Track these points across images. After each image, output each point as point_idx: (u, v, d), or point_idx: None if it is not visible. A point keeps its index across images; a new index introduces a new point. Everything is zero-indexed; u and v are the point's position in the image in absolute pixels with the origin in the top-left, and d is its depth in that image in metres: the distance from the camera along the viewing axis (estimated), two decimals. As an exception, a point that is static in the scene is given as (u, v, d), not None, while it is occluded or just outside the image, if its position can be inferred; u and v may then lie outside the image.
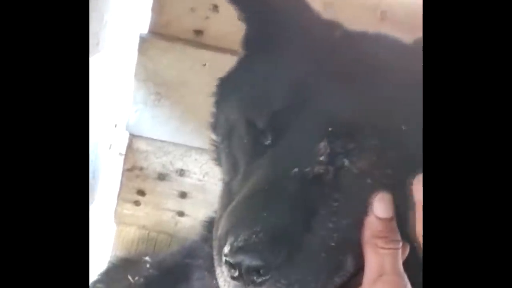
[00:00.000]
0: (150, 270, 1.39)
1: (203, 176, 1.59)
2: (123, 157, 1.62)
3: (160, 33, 1.49)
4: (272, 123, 0.88)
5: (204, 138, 1.51)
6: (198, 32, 1.48)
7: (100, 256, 1.71)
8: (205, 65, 1.48)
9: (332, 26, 1.00)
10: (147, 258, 1.43)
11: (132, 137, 1.57)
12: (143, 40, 1.48)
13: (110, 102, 1.67)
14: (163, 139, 1.57)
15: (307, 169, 0.83)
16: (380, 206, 0.82)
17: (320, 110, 0.86)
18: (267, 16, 0.99)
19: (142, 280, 1.39)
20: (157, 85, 1.50)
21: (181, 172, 1.60)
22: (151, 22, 1.49)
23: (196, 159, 1.58)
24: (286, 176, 0.83)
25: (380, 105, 0.85)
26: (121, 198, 1.64)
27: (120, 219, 1.67)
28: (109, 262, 1.58)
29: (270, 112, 0.89)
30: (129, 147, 1.59)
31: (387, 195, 0.83)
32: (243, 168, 0.92)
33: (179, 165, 1.59)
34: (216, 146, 1.06)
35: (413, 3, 1.44)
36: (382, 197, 0.82)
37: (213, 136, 1.07)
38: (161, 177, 1.61)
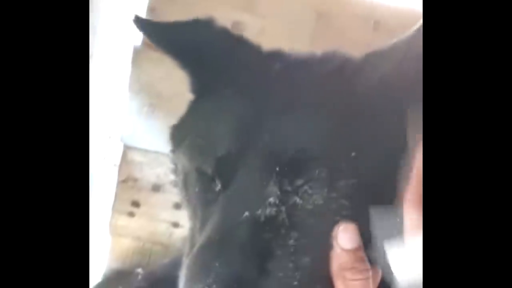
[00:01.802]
0: (141, 282, 1.38)
1: (198, 187, 1.58)
2: (117, 168, 1.61)
3: (154, 45, 1.49)
4: (219, 169, 0.87)
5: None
6: (192, 43, 1.48)
7: (95, 267, 1.71)
8: (199, 76, 1.48)
9: (272, 58, 0.98)
10: (139, 270, 1.42)
11: (126, 148, 1.57)
12: (136, 52, 1.48)
13: (104, 113, 1.66)
14: (157, 150, 1.56)
15: (258, 212, 0.81)
16: (345, 237, 0.80)
17: (264, 149, 0.84)
18: (203, 59, 0.98)
19: (132, 292, 1.38)
20: (151, 96, 1.50)
21: (176, 183, 1.59)
22: (144, 34, 1.48)
23: (190, 170, 1.58)
24: (236, 222, 0.81)
25: (325, 134, 0.84)
26: (115, 209, 1.64)
27: (114, 231, 1.66)
28: (103, 275, 1.58)
29: (216, 158, 0.88)
30: (123, 158, 1.58)
31: (351, 225, 0.81)
32: (199, 216, 0.91)
33: (173, 176, 1.59)
34: (179, 189, 1.06)
35: (406, 13, 1.45)
36: (345, 228, 0.81)
37: (176, 181, 1.08)
38: (156, 188, 1.60)
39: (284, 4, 1.46)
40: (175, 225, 1.64)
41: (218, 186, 0.87)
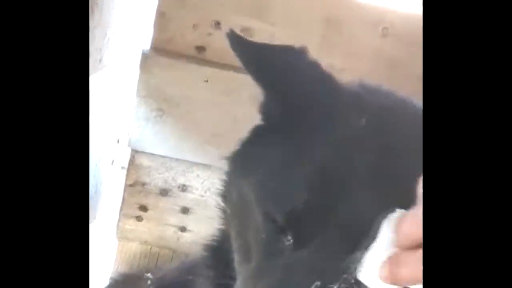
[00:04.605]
0: (151, 287, 1.39)
1: (205, 192, 1.59)
2: (125, 172, 1.62)
3: (162, 49, 1.49)
4: (293, 222, 0.82)
5: (206, 154, 1.53)
6: (200, 49, 1.49)
7: (102, 271, 1.71)
8: (207, 81, 1.49)
9: (358, 107, 0.91)
10: (148, 275, 1.42)
11: (135, 152, 1.58)
12: (145, 56, 1.49)
13: (112, 117, 1.67)
14: (165, 154, 1.57)
15: (331, 285, 0.75)
16: None
17: (348, 216, 0.79)
18: (288, 88, 0.92)
19: (143, 297, 1.39)
20: (159, 101, 1.51)
21: (183, 188, 1.60)
22: (153, 38, 1.49)
23: (198, 175, 1.58)
24: None
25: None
26: (123, 213, 1.64)
27: (122, 235, 1.67)
28: (111, 278, 1.58)
29: (291, 210, 0.82)
30: (132, 162, 1.59)
31: None
32: (256, 260, 0.86)
33: (181, 180, 1.60)
34: (225, 214, 1.02)
35: (414, 20, 1.45)
36: None
37: (221, 204, 1.03)
38: (163, 192, 1.61)
39: (293, 10, 1.46)
40: (183, 229, 1.65)
41: (289, 241, 0.82)
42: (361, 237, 0.76)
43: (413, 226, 0.68)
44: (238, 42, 0.97)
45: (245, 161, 0.96)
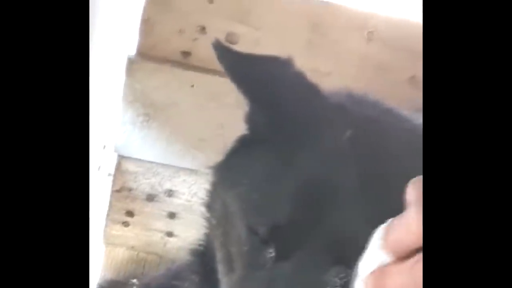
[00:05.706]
0: (136, 293, 1.39)
1: (192, 197, 1.59)
2: (111, 178, 1.61)
3: (148, 55, 1.49)
4: (276, 236, 0.81)
5: (193, 159, 1.53)
6: (186, 54, 1.49)
7: (89, 277, 1.70)
8: (193, 86, 1.49)
9: (343, 118, 0.90)
10: (134, 281, 1.42)
11: (121, 158, 1.57)
12: (130, 62, 1.48)
13: (98, 123, 1.67)
14: (151, 160, 1.57)
15: None
16: None
17: (330, 230, 0.78)
18: (274, 99, 0.91)
19: (128, 304, 1.38)
20: (145, 106, 1.50)
21: (170, 193, 1.60)
22: (138, 44, 1.49)
23: (184, 180, 1.58)
24: None
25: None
26: (109, 219, 1.64)
27: (109, 240, 1.67)
28: (98, 284, 1.57)
29: (274, 223, 0.81)
30: (118, 168, 1.59)
31: None
32: (239, 272, 0.86)
33: (167, 186, 1.59)
34: (210, 224, 1.02)
35: (400, 24, 1.45)
36: None
37: (206, 214, 1.03)
38: (150, 198, 1.61)
39: (278, 15, 1.47)
40: (170, 234, 1.64)
41: (272, 254, 0.81)
42: (345, 250, 0.76)
43: (401, 233, 0.67)
44: (223, 52, 0.96)
45: (230, 172, 0.95)
